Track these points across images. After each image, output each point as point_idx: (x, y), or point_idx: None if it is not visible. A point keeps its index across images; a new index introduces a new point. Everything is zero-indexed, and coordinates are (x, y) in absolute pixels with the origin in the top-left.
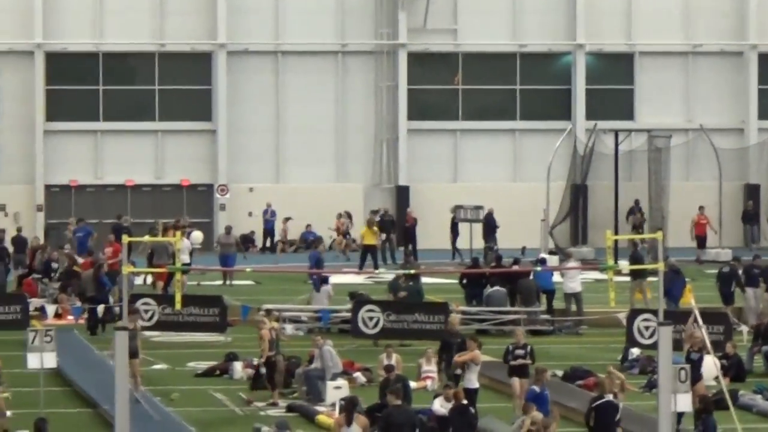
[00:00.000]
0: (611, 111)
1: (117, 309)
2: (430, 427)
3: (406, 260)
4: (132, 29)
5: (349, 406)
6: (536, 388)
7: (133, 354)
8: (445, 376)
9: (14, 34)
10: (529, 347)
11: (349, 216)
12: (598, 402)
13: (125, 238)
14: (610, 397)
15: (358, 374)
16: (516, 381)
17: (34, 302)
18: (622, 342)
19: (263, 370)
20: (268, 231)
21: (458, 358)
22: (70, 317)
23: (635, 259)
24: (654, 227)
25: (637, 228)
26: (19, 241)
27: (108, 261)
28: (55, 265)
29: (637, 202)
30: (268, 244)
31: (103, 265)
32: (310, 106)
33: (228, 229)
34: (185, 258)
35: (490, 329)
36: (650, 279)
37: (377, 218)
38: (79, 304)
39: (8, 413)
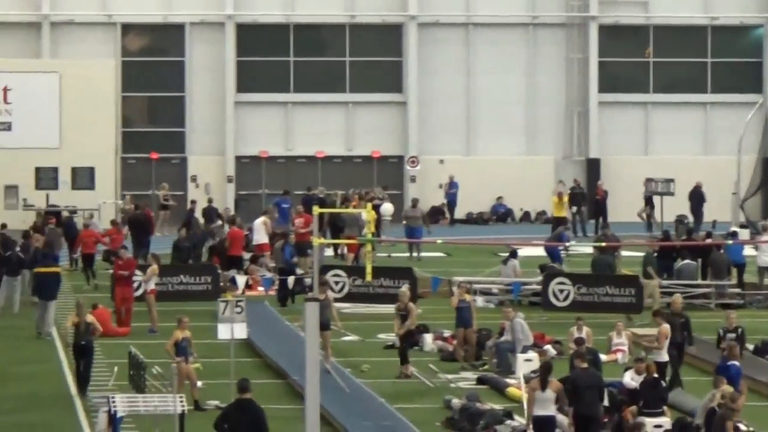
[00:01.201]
0: None
1: (307, 280)
2: (620, 399)
3: (604, 233)
4: (323, 1)
5: (543, 371)
6: (729, 362)
7: (324, 326)
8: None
9: (206, 6)
10: (740, 330)
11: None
12: None
13: (316, 209)
14: None
15: (548, 347)
16: None
17: (225, 273)
18: None
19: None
20: (451, 203)
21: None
22: (261, 288)
23: None
24: None
25: None
26: (209, 212)
27: (299, 231)
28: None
29: None
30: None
31: (290, 236)
32: (501, 78)
33: (414, 202)
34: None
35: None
36: None
37: (568, 191)
38: (269, 275)
39: (199, 384)
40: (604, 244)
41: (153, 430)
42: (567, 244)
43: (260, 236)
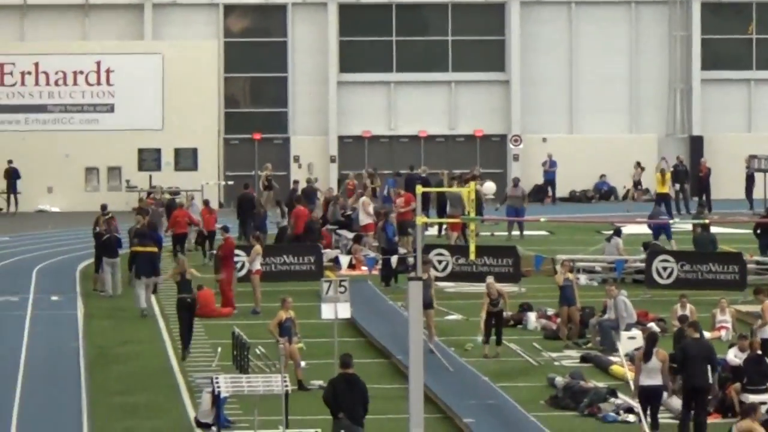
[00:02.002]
0: None
1: (410, 259)
2: (724, 377)
3: (699, 211)
4: None
5: (648, 342)
6: None
7: (427, 305)
8: None
9: None
10: None
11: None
12: None
13: (419, 189)
14: None
15: (651, 324)
16: None
17: (328, 253)
18: None
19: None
20: (549, 182)
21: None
22: (364, 268)
23: None
24: None
25: None
26: (309, 192)
27: (400, 210)
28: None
29: None
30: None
31: (390, 215)
32: (603, 56)
33: (515, 182)
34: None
35: None
36: None
37: (670, 168)
38: (372, 254)
39: (303, 364)
40: (707, 221)
41: (254, 411)
42: (667, 220)
43: (363, 216)
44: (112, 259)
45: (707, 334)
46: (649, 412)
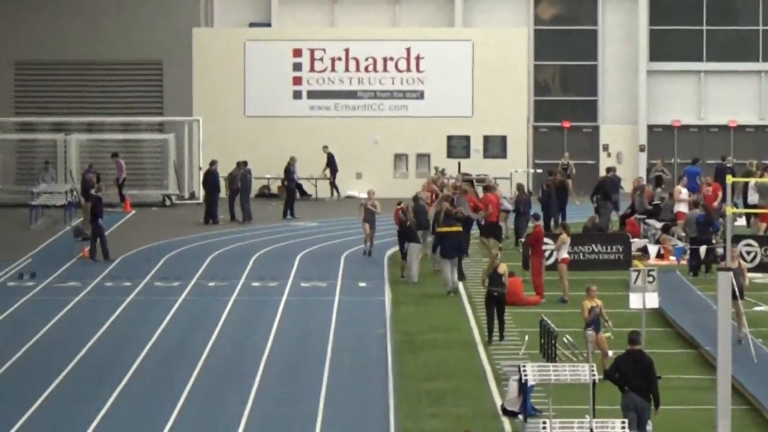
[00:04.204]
0: None
1: (719, 250)
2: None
3: None
4: None
5: None
6: None
7: (737, 295)
8: None
9: None
10: None
11: None
12: None
13: (729, 179)
14: None
15: None
16: None
17: (637, 242)
18: None
19: None
20: None
21: None
22: (672, 258)
23: None
24: None
25: None
26: (613, 182)
27: (708, 199)
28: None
29: None
30: None
31: (702, 204)
32: None
33: None
34: (753, 199)
35: None
36: None
37: None
38: (680, 244)
39: (610, 353)
40: None
41: (560, 400)
42: None
43: (678, 205)
44: (414, 245)
45: None
46: None
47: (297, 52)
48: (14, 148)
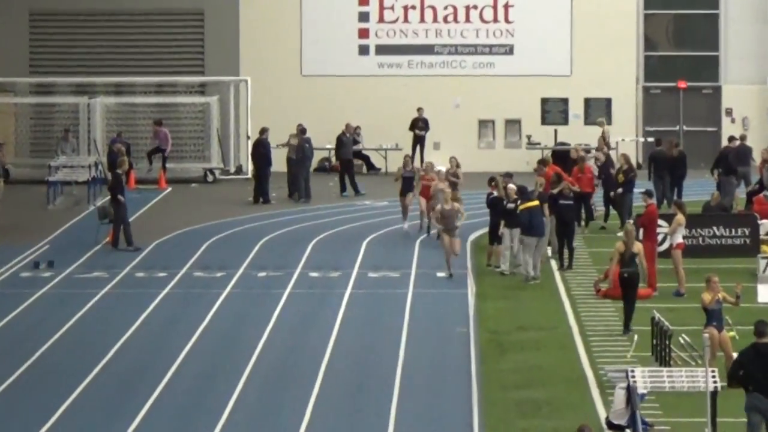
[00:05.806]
0: None
1: None
2: None
3: None
4: None
5: None
6: None
7: None
8: None
9: None
10: None
11: None
12: None
13: None
14: None
15: None
16: None
17: (766, 225)
18: None
19: None
20: None
21: None
22: None
23: None
24: None
25: None
26: (744, 151)
27: None
28: None
29: None
30: None
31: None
32: None
33: None
34: None
35: None
36: None
37: None
38: None
39: (734, 355)
40: None
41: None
42: None
43: None
44: (513, 230)
45: None
46: None
47: (363, 0)
48: (29, 114)
